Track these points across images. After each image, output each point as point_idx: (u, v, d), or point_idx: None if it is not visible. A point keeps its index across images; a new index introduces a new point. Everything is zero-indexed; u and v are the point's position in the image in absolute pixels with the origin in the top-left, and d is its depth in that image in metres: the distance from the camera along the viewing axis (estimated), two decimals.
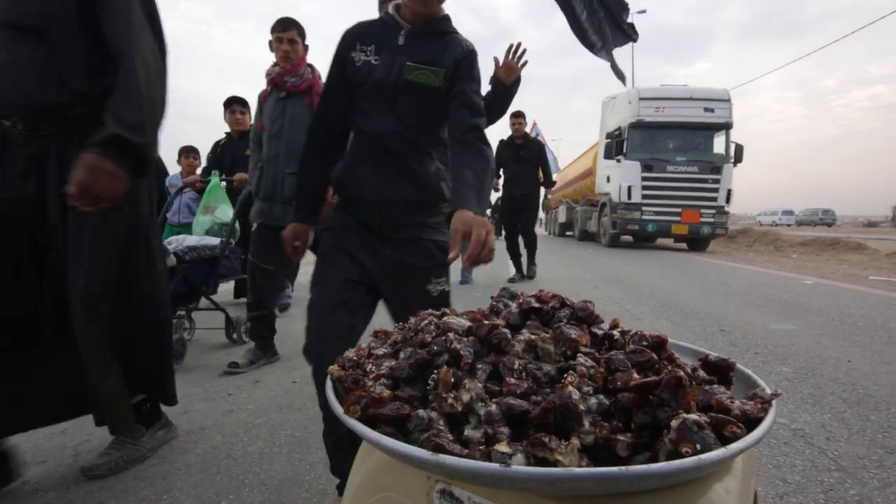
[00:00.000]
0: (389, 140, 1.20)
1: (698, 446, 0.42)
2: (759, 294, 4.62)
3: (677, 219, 10.02)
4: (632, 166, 10.17)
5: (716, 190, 9.96)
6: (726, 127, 10.29)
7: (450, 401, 0.48)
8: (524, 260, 5.86)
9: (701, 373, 0.58)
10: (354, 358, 0.64)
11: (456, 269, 5.58)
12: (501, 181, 5.90)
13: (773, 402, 0.51)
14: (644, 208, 10.13)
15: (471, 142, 1.15)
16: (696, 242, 10.78)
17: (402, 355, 0.60)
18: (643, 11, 21.84)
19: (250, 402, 2.08)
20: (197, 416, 1.94)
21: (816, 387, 2.15)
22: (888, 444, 1.62)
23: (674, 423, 0.43)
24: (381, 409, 0.49)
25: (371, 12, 1.52)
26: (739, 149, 10.18)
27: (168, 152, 5.00)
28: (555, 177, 10.82)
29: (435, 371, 0.53)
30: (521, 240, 5.87)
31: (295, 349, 2.72)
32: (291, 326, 3.27)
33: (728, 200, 10.03)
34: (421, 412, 0.48)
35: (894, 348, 2.75)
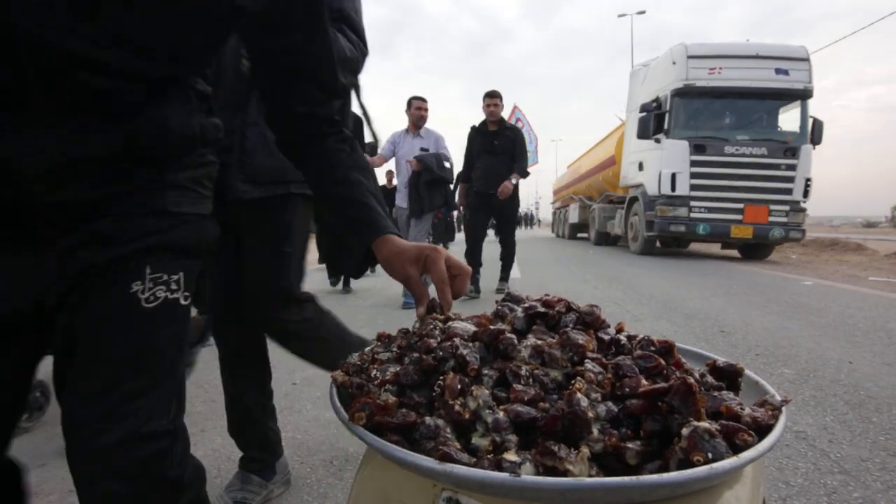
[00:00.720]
0: (85, 71, 0.52)
1: (710, 455, 0.41)
2: (758, 295, 4.62)
3: (738, 217, 7.34)
4: (677, 147, 7.49)
5: (790, 179, 7.32)
6: (804, 95, 7.52)
7: (457, 408, 0.48)
8: (513, 268, 5.10)
9: (709, 378, 0.58)
10: (358, 363, 0.64)
11: (398, 287, 4.70)
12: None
13: (783, 408, 0.51)
14: (693, 203, 7.46)
15: (335, 147, 0.75)
16: (756, 249, 8.09)
17: (406, 361, 0.60)
18: (643, 12, 21.89)
19: None
20: (197, 418, 1.93)
21: (818, 388, 2.15)
22: (891, 447, 1.62)
23: (685, 431, 0.43)
24: (387, 416, 0.48)
25: None
26: (818, 125, 7.55)
27: None
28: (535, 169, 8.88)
29: (441, 377, 0.52)
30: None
31: None
32: None
33: (806, 194, 7.35)
34: (428, 420, 0.47)
35: (895, 349, 2.75)
